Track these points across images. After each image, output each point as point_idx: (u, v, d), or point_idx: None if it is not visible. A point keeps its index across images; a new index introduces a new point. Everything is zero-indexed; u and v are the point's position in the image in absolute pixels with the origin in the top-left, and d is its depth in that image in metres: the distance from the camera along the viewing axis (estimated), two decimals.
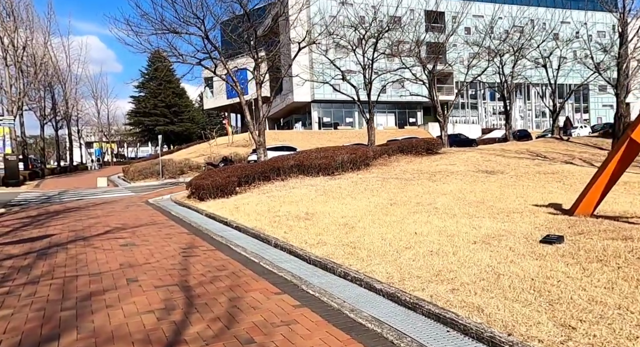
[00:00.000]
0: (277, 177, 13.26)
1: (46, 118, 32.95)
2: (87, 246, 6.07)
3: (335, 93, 44.96)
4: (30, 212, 10.43)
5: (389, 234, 5.69)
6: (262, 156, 15.12)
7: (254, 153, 25.85)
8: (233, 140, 33.89)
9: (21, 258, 5.30)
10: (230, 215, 8.82)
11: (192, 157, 29.00)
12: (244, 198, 10.97)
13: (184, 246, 6.07)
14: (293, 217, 7.66)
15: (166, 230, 7.52)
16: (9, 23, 23.22)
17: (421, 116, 49.85)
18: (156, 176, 23.60)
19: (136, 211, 10.59)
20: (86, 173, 37.13)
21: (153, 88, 58.06)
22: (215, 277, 4.36)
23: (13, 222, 8.70)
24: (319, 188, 10.98)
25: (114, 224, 8.15)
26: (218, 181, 11.84)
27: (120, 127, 67.76)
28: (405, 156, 16.36)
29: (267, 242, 6.25)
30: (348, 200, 9.13)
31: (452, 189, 9.77)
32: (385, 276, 3.98)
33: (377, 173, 13.11)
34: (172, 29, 12.55)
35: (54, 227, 7.77)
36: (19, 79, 24.15)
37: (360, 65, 17.63)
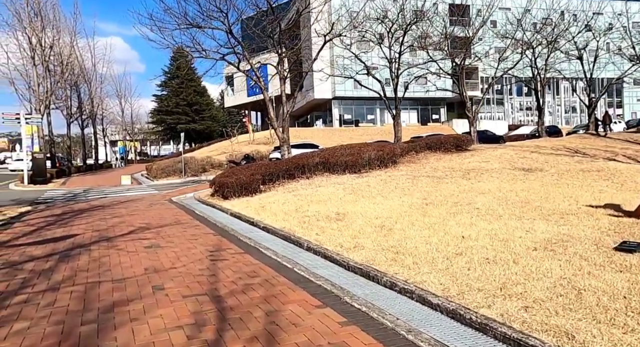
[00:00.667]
0: (301, 175, 12.86)
1: (72, 117, 33.56)
2: (110, 247, 5.79)
3: (356, 90, 44.43)
4: (55, 211, 10.35)
5: (433, 237, 5.19)
6: (285, 153, 14.75)
7: (276, 151, 25.57)
8: (254, 138, 33.75)
9: (43, 260, 5.04)
10: (257, 215, 8.46)
11: (213, 155, 28.96)
12: (269, 197, 10.61)
13: (211, 248, 5.72)
14: (323, 218, 7.23)
15: (191, 230, 7.21)
16: (36, 23, 23.62)
17: (444, 112, 48.64)
18: (179, 173, 23.59)
19: (160, 209, 10.37)
20: (111, 171, 37.71)
21: (175, 87, 58.69)
22: (248, 285, 3.96)
23: (38, 221, 8.58)
24: (346, 186, 10.52)
25: (138, 224, 7.90)
26: (242, 179, 11.52)
27: (143, 126, 68.85)
28: (433, 153, 15.71)
29: (299, 245, 5.83)
30: (379, 199, 8.64)
31: (490, 187, 9.15)
32: (440, 287, 3.50)
33: (406, 171, 12.54)
34: (195, 23, 12.30)
35: (78, 227, 7.58)
36: (46, 78, 24.56)
37: (387, 59, 17.01)
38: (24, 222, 8.43)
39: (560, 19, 21.19)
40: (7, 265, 4.83)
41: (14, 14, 23.29)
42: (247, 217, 8.32)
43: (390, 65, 16.88)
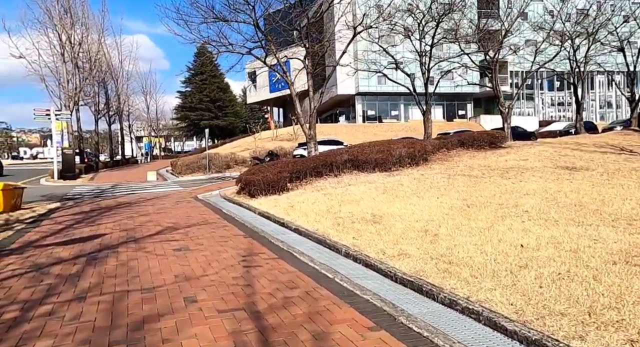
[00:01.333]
0: (329, 173, 12.44)
1: (100, 113, 34.17)
2: (138, 249, 5.53)
3: (380, 85, 43.63)
4: (83, 208, 10.29)
5: (486, 245, 4.68)
6: (312, 150, 14.36)
7: (300, 147, 25.23)
8: (277, 134, 33.55)
9: (70, 263, 4.81)
10: (286, 215, 8.10)
11: (237, 151, 28.89)
12: (297, 195, 10.25)
13: (242, 253, 5.37)
14: (358, 220, 6.80)
15: (220, 231, 6.91)
16: (66, 20, 23.98)
17: (471, 108, 47.25)
18: (203, 170, 23.58)
19: (186, 207, 10.16)
20: (136, 166, 38.31)
21: (198, 83, 59.22)
22: (287, 299, 3.58)
23: (66, 218, 8.48)
24: (378, 185, 10.04)
25: (165, 223, 7.66)
26: (269, 177, 11.20)
27: (167, 122, 69.89)
28: (466, 150, 15.01)
29: (336, 250, 5.42)
30: (415, 200, 8.14)
31: (534, 188, 8.50)
32: (512, 309, 3.02)
33: (439, 169, 11.95)
34: (222, 16, 12.01)
35: (105, 226, 7.40)
36: (75, 74, 24.96)
37: (417, 53, 16.35)
38: (52, 219, 8.34)
39: (601, 9, 19.92)
40: (34, 268, 4.61)
41: (45, 12, 23.76)
42: (276, 217, 7.97)
43: (420, 58, 16.20)
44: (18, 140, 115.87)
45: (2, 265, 4.77)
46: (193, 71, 60.20)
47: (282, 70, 13.54)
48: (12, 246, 5.80)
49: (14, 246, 5.80)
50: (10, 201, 9.51)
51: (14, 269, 4.56)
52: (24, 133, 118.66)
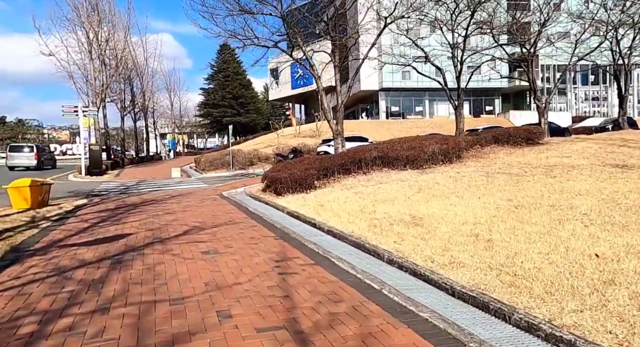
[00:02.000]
0: (358, 170, 11.95)
1: (126, 110, 34.62)
2: (165, 251, 5.20)
3: (404, 81, 42.64)
4: (108, 205, 10.14)
5: (553, 254, 4.11)
6: (339, 147, 13.89)
7: (324, 144, 24.78)
8: (300, 130, 33.20)
9: (94, 267, 4.50)
10: (317, 215, 7.67)
11: (260, 148, 28.68)
12: (325, 194, 9.81)
13: (275, 257, 4.97)
14: (397, 221, 6.30)
15: (248, 232, 6.54)
16: (93, 17, 24.26)
17: (499, 104, 45.67)
18: (226, 166, 23.45)
19: (212, 205, 9.87)
20: (161, 163, 38.72)
21: (221, 80, 59.54)
22: (334, 315, 3.13)
23: (92, 216, 8.29)
24: (411, 184, 9.49)
25: (191, 222, 7.36)
26: (296, 174, 10.80)
27: (191, 119, 70.65)
28: (501, 147, 14.22)
29: (377, 255, 4.95)
30: (454, 200, 7.56)
31: (586, 188, 7.77)
32: (613, 340, 2.48)
33: (475, 166, 11.28)
34: (248, 9, 11.66)
35: (131, 225, 7.14)
36: (102, 71, 25.25)
37: (449, 45, 15.60)
38: (78, 217, 8.17)
39: None
40: (57, 272, 4.33)
41: (73, 9, 24.09)
42: (306, 217, 7.55)
43: (452, 50, 15.44)
44: (49, 137, 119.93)
45: (24, 268, 4.51)
46: (216, 68, 60.58)
47: (308, 64, 13.09)
48: (36, 246, 5.57)
49: (38, 246, 5.57)
50: (38, 197, 9.43)
51: (36, 273, 4.29)
52: (54, 130, 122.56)
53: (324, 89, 13.87)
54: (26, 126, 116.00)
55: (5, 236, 6.18)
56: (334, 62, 13.47)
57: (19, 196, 9.14)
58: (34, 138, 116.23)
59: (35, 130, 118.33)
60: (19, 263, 4.70)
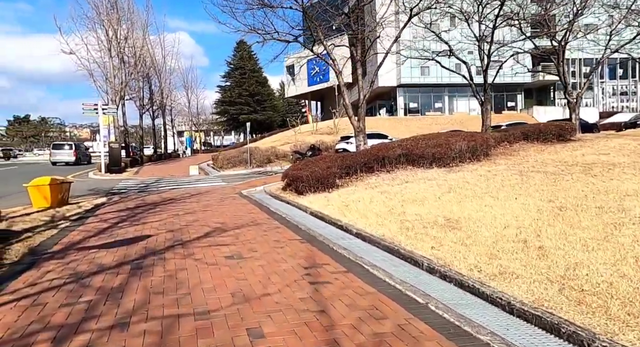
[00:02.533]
0: (381, 169, 11.52)
1: (144, 108, 34.85)
2: (187, 256, 4.91)
3: (423, 76, 41.78)
4: (128, 204, 9.98)
5: (622, 266, 3.64)
6: (361, 144, 13.47)
7: (342, 141, 24.38)
8: (317, 128, 32.84)
9: (113, 273, 4.24)
10: (342, 216, 7.30)
11: (277, 145, 28.46)
12: (349, 193, 9.43)
13: (304, 263, 4.62)
14: (430, 224, 5.88)
15: (272, 234, 6.21)
16: (112, 15, 24.36)
17: (521, 99, 44.39)
18: (244, 164, 23.28)
19: (232, 204, 9.60)
20: (179, 160, 38.92)
21: (238, 77, 59.62)
22: (379, 336, 2.76)
23: (111, 215, 8.11)
24: (440, 183, 9.02)
25: (212, 223, 7.08)
26: (318, 172, 10.44)
27: (207, 117, 71.06)
28: (531, 144, 13.58)
29: (414, 262, 4.54)
30: (489, 200, 7.09)
31: (634, 188, 7.19)
32: None
33: (506, 164, 10.71)
34: (267, 3, 11.33)
35: (151, 225, 6.91)
36: (121, 69, 25.38)
37: (475, 38, 14.96)
38: (98, 216, 7.99)
39: None
40: (74, 278, 4.07)
41: (93, 8, 24.25)
42: (332, 218, 7.18)
43: (478, 43, 14.81)
44: (70, 135, 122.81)
45: (41, 273, 4.27)
46: (232, 65, 60.70)
47: (329, 58, 12.70)
48: (55, 248, 5.36)
49: (56, 248, 5.36)
50: (58, 196, 9.31)
51: (52, 279, 4.04)
52: (75, 128, 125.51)
53: (344, 85, 13.46)
54: (49, 124, 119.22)
55: (24, 236, 6.01)
56: (356, 56, 13.04)
57: (39, 195, 9.03)
58: (56, 136, 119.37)
59: (57, 128, 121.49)
60: (35, 267, 4.48)
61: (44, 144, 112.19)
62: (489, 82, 15.44)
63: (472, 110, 42.94)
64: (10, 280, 4.05)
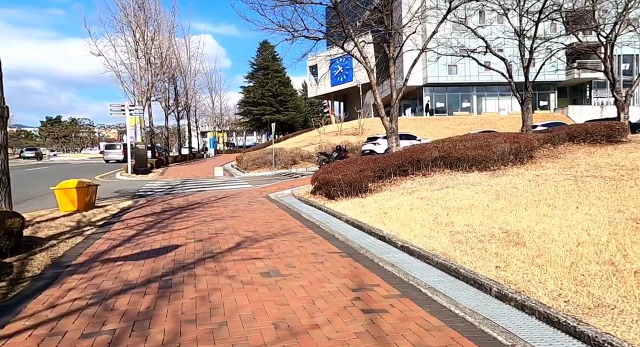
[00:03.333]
0: (416, 172, 10.87)
1: (169, 108, 35.11)
2: (219, 272, 4.44)
3: (451, 75, 40.57)
4: (154, 207, 9.68)
5: None
6: (394, 146, 12.84)
7: (369, 142, 23.72)
8: (341, 128, 32.26)
9: (140, 292, 3.80)
10: (382, 224, 6.72)
11: (301, 146, 28.04)
12: (385, 199, 8.83)
13: (350, 283, 4.07)
14: (487, 237, 5.23)
15: (309, 245, 5.69)
16: (140, 15, 24.54)
17: (554, 98, 42.54)
18: (269, 165, 22.95)
19: (261, 209, 9.16)
20: (203, 161, 39.07)
21: (261, 78, 59.70)
22: None
23: (137, 221, 7.79)
24: (485, 189, 8.31)
25: (243, 231, 6.63)
26: (350, 176, 9.89)
27: (231, 117, 71.54)
28: (577, 145, 12.61)
29: (478, 286, 3.92)
30: (546, 210, 6.36)
31: None
32: None
33: (555, 168, 9.87)
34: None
35: (178, 233, 6.51)
36: (147, 70, 25.53)
37: (515, 32, 14.07)
38: (124, 222, 7.68)
39: None
40: (98, 298, 3.66)
41: (121, 9, 24.46)
42: (371, 227, 6.61)
43: (519, 38, 13.90)
44: (99, 135, 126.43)
45: (62, 291, 3.88)
46: (256, 66, 60.83)
47: (360, 55, 12.12)
48: (79, 260, 5.00)
49: (80, 260, 5.00)
50: (84, 199, 9.10)
51: (74, 300, 3.63)
52: (103, 129, 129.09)
53: (376, 84, 12.85)
54: (79, 125, 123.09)
55: (48, 245, 5.70)
56: (388, 53, 12.41)
57: (66, 198, 8.83)
58: (85, 136, 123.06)
59: (86, 129, 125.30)
60: (57, 284, 4.10)
61: (74, 144, 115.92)
62: (530, 79, 14.47)
63: (502, 110, 41.46)
64: (29, 299, 3.67)
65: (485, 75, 40.37)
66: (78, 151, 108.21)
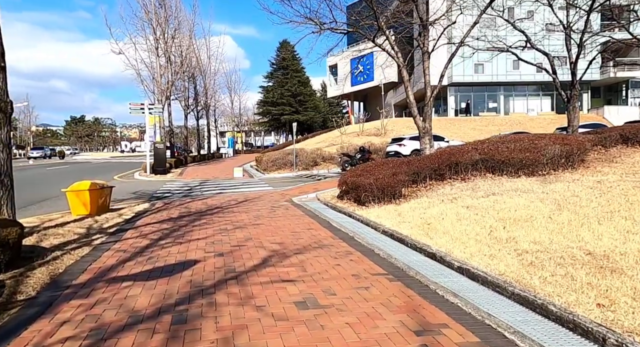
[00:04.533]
0: (454, 176, 9.91)
1: (189, 108, 34.83)
2: (244, 301, 3.65)
3: (477, 74, 39.06)
4: (171, 212, 9.01)
5: None
6: (427, 147, 11.89)
7: (394, 143, 22.72)
8: (363, 128, 31.31)
9: (148, 329, 3.04)
10: (427, 238, 5.84)
11: (322, 147, 27.24)
12: (423, 206, 7.92)
13: (409, 321, 3.21)
14: (566, 260, 4.29)
15: (346, 263, 4.86)
16: (160, 12, 24.21)
17: (587, 99, 40.53)
18: (289, 166, 22.22)
19: (285, 216, 8.37)
20: (222, 161, 38.71)
21: (280, 77, 59.24)
22: None
23: (152, 228, 7.10)
24: (540, 197, 7.30)
25: (268, 243, 5.84)
26: (383, 180, 9.01)
27: (249, 118, 71.38)
28: (632, 148, 11.38)
29: (583, 333, 3.00)
30: (627, 224, 5.36)
31: None
32: None
33: (617, 174, 8.76)
34: None
35: (196, 245, 5.77)
36: (167, 68, 25.17)
37: (562, 24, 12.92)
38: (137, 229, 7.00)
39: None
40: (94, 339, 2.91)
41: (142, 7, 24.17)
42: (415, 241, 5.73)
43: (565, 31, 12.75)
44: (121, 135, 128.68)
45: (53, 325, 3.15)
46: (275, 66, 60.40)
47: (392, 49, 11.23)
48: (81, 279, 4.29)
49: (82, 279, 4.29)
50: (98, 202, 8.49)
51: (65, 340, 2.88)
52: (125, 128, 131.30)
53: (408, 79, 11.93)
54: (101, 124, 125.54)
55: (51, 257, 5.03)
56: (422, 47, 11.48)
57: (78, 201, 8.23)
58: (107, 135, 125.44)
59: (109, 128, 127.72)
60: (50, 313, 3.38)
61: (97, 143, 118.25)
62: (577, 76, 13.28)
63: (531, 111, 39.74)
64: (11, 337, 2.95)
65: (513, 75, 38.76)
66: (100, 150, 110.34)
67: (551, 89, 39.85)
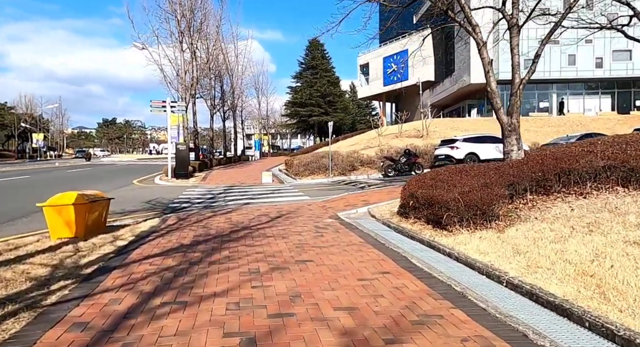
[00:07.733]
0: (566, 189, 7.21)
1: (215, 108, 33.10)
2: None
3: (525, 71, 35.58)
4: (183, 234, 6.76)
5: None
6: (514, 150, 9.26)
7: (444, 145, 19.83)
8: (402, 130, 28.58)
9: None
10: (609, 305, 3.27)
11: (358, 149, 24.71)
12: (546, 236, 5.32)
13: None
14: None
15: None
16: (185, 4, 22.45)
17: None
18: (323, 171, 19.85)
19: (339, 244, 5.94)
20: (248, 164, 36.84)
21: (309, 77, 57.24)
22: None
23: (147, 269, 4.84)
24: None
25: (330, 311, 3.43)
26: (473, 194, 6.46)
27: (276, 120, 69.67)
28: None
29: None
30: None
31: None
32: None
33: None
34: None
35: (210, 312, 3.43)
36: (192, 64, 23.39)
37: None
38: (127, 270, 4.75)
39: None
40: None
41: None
42: (586, 313, 3.17)
43: None
44: (150, 137, 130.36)
45: None
46: (304, 65, 58.46)
47: (470, 25, 8.69)
48: None
49: None
50: (86, 220, 6.34)
51: None
52: (154, 130, 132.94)
53: (489, 63, 9.35)
54: (132, 127, 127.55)
55: None
56: (511, 19, 8.88)
57: (59, 220, 6.10)
58: (137, 137, 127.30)
59: (139, 131, 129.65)
60: None
61: (127, 145, 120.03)
62: None
63: (588, 111, 35.83)
64: None
65: (568, 71, 35.06)
66: (130, 152, 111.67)
67: (612, 87, 35.86)
